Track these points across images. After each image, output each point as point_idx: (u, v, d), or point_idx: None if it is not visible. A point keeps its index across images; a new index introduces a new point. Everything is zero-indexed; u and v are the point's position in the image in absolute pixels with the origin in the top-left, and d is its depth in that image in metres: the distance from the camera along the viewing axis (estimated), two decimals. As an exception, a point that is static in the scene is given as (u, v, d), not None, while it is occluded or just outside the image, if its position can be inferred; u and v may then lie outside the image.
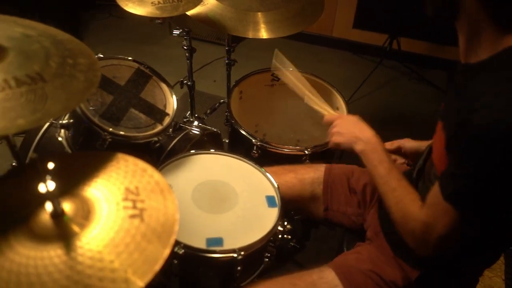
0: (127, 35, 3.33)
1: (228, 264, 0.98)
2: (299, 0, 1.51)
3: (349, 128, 1.03)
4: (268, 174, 1.18)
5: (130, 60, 1.24)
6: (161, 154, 1.30)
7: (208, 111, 2.09)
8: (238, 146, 1.46)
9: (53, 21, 0.95)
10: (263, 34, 1.51)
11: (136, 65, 1.24)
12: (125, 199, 0.72)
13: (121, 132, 1.11)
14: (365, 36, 3.11)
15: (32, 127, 0.69)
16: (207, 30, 3.26)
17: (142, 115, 1.17)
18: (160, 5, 1.19)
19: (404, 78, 2.96)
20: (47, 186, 0.63)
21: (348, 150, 1.02)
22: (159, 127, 1.19)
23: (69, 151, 1.16)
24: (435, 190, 0.79)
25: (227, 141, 1.66)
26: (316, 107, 1.21)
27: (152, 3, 1.19)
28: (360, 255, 1.02)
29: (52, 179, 0.64)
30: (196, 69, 2.66)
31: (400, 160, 1.19)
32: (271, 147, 1.35)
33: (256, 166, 1.21)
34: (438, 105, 0.92)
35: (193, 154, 1.22)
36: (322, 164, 1.27)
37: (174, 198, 0.74)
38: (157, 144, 1.18)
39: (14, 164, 0.93)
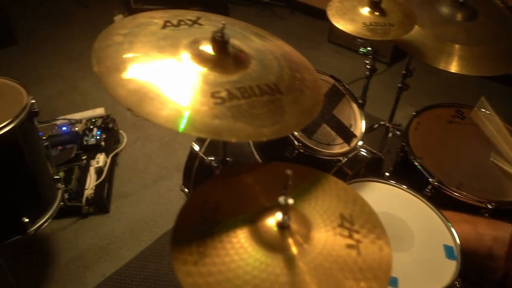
0: (287, 36, 3.41)
1: (397, 307, 0.95)
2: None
3: None
4: (449, 224, 1.10)
5: (327, 75, 1.26)
6: (328, 172, 1.31)
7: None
8: (407, 179, 1.39)
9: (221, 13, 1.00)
10: (456, 68, 1.41)
11: (332, 81, 1.26)
12: (341, 226, 0.73)
13: (312, 146, 1.14)
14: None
15: (271, 138, 0.74)
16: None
17: (332, 132, 1.18)
18: (371, 27, 1.18)
19: None
20: (287, 200, 0.66)
21: None
22: (346, 147, 1.19)
23: (253, 149, 1.23)
24: None
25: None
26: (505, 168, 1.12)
27: (363, 23, 1.19)
28: None
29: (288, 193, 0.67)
30: (349, 81, 2.63)
31: None
32: (448, 190, 1.26)
33: (435, 209, 1.14)
34: None
35: (369, 180, 1.19)
36: (510, 224, 1.14)
37: (386, 235, 0.73)
38: (339, 163, 1.18)
39: (228, 159, 1.00)
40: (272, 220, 0.70)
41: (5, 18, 2.88)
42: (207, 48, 0.83)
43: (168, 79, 0.76)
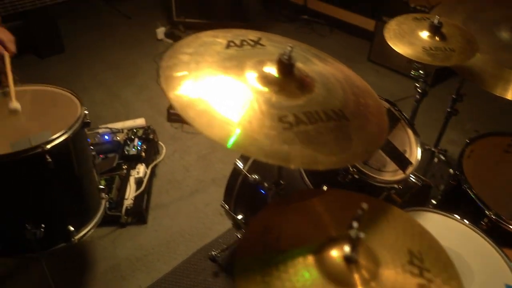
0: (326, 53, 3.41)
1: None
2: None
3: None
4: (509, 261, 1.04)
5: (382, 99, 1.23)
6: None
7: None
8: (458, 209, 1.33)
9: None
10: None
11: (387, 105, 1.23)
12: (410, 263, 0.69)
13: (367, 172, 1.11)
14: None
15: (340, 166, 0.71)
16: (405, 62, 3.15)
17: (387, 159, 1.15)
18: (431, 51, 1.15)
19: None
20: (358, 233, 0.63)
21: None
22: (400, 175, 1.15)
23: (303, 172, 1.20)
24: None
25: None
26: None
27: (423, 48, 1.15)
28: None
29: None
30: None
31: None
32: (506, 224, 1.20)
33: (494, 244, 1.08)
34: None
35: (423, 210, 1.15)
36: None
37: (459, 276, 0.69)
38: (392, 191, 1.14)
39: (281, 181, 0.98)
40: (339, 253, 0.67)
41: (55, 28, 3.00)
42: (272, 70, 0.82)
43: (234, 101, 0.75)
